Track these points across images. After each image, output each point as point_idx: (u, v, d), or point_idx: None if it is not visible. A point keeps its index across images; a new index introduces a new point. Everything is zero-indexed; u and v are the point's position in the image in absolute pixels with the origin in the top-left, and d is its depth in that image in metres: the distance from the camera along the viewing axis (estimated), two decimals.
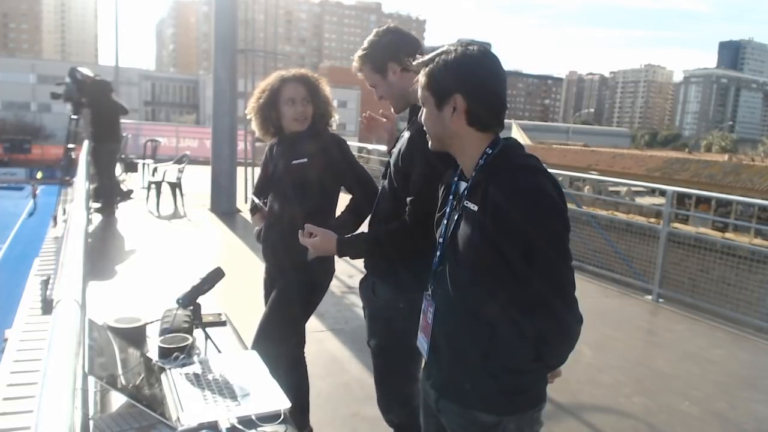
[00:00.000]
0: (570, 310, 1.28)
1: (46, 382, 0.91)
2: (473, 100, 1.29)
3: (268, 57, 9.22)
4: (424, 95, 1.35)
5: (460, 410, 1.38)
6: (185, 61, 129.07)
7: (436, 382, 1.44)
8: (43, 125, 44.00)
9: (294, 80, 2.31)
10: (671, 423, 3.20)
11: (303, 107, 2.29)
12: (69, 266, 1.63)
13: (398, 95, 1.88)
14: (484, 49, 1.31)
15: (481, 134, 1.32)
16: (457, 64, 1.29)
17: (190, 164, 8.73)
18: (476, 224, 1.27)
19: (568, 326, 1.29)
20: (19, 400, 2.67)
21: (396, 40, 1.86)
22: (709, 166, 23.87)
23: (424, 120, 1.38)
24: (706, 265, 5.82)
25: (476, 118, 1.31)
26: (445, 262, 1.38)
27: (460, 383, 1.35)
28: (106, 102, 7.06)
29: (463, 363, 1.35)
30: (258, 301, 2.53)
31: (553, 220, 1.25)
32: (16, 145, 36.52)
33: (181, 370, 1.59)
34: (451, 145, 1.36)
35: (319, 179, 2.23)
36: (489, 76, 1.31)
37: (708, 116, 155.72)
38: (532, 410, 1.37)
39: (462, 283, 1.34)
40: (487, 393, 1.33)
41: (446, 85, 1.30)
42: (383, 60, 1.85)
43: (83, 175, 4.28)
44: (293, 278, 2.29)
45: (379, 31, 1.89)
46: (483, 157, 1.31)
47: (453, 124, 1.31)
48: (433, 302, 1.41)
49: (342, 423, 2.77)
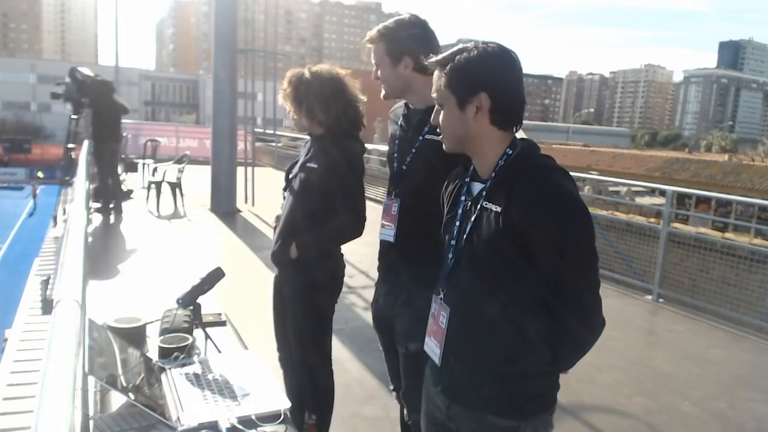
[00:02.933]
0: (589, 315, 1.27)
1: (46, 382, 0.91)
2: (498, 98, 1.26)
3: (268, 57, 9.22)
4: (444, 95, 1.31)
5: (476, 416, 1.34)
6: (185, 61, 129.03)
7: (447, 388, 1.39)
8: (43, 125, 44.06)
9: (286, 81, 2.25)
10: (671, 423, 3.20)
11: (295, 114, 2.24)
12: (69, 266, 1.63)
13: (397, 87, 1.84)
14: (503, 47, 1.29)
15: (502, 133, 1.30)
16: (480, 62, 1.26)
17: (190, 164, 8.73)
18: (498, 226, 1.24)
19: (594, 329, 1.28)
20: (19, 400, 2.67)
21: (421, 37, 1.79)
22: (709, 166, 23.84)
23: (442, 121, 1.33)
24: (706, 265, 5.82)
25: (499, 117, 1.28)
26: (461, 265, 1.35)
27: (477, 388, 1.32)
28: (107, 102, 7.06)
29: (480, 368, 1.32)
30: (258, 301, 2.53)
31: (583, 222, 1.24)
32: (16, 145, 36.57)
33: (181, 370, 1.59)
34: (471, 145, 1.32)
35: (322, 187, 2.19)
36: (512, 73, 1.29)
37: (708, 116, 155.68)
38: (546, 413, 1.36)
39: (480, 286, 1.30)
40: (504, 398, 1.31)
41: (470, 84, 1.26)
42: (401, 50, 1.79)
43: (83, 175, 4.27)
44: (294, 280, 2.28)
45: (410, 19, 1.81)
46: (503, 158, 1.28)
47: (476, 124, 1.28)
48: (447, 306, 1.37)
49: (342, 423, 2.77)
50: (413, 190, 1.85)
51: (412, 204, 1.86)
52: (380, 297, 1.98)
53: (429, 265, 1.82)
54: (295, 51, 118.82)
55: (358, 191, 2.20)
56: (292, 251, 2.19)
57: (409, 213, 1.86)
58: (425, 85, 1.78)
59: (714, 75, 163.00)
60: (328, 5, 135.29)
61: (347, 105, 2.20)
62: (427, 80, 1.79)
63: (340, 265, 2.33)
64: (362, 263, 4.95)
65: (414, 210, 1.84)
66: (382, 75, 1.84)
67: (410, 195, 1.86)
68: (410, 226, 1.85)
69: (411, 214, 1.86)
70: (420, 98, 1.84)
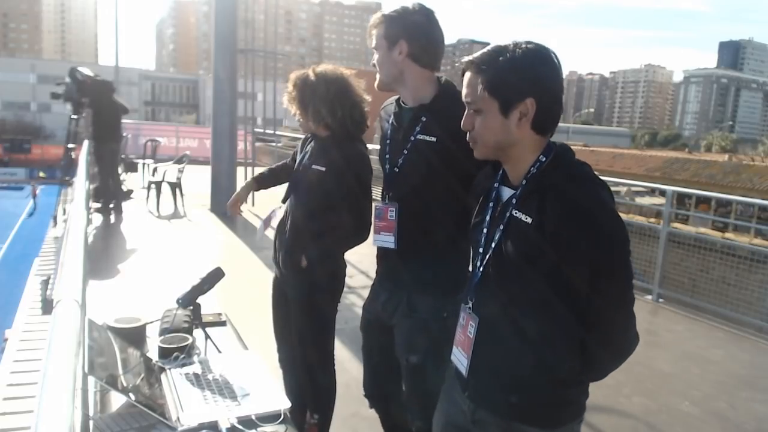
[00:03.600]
0: (630, 328, 1.23)
1: (46, 382, 0.91)
2: (543, 103, 1.19)
3: (268, 57, 9.22)
4: (483, 99, 1.21)
5: (503, 423, 1.31)
6: (185, 61, 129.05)
7: (474, 394, 1.36)
8: (43, 125, 44.02)
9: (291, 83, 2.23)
10: (671, 423, 3.20)
11: (301, 117, 2.22)
12: (69, 266, 1.63)
13: (391, 73, 1.77)
14: (545, 48, 1.21)
15: (540, 138, 1.23)
16: (528, 65, 1.18)
17: (190, 164, 8.73)
18: (531, 239, 1.18)
19: (629, 344, 1.25)
20: (19, 400, 2.67)
21: (421, 25, 1.73)
22: (709, 166, 23.82)
23: (479, 128, 1.24)
24: (706, 265, 5.82)
25: (541, 123, 1.21)
26: (489, 275, 1.30)
27: (506, 397, 1.29)
28: (107, 102, 7.06)
29: (509, 377, 1.29)
30: (258, 301, 2.53)
31: (619, 237, 1.17)
32: (16, 145, 36.53)
33: (181, 370, 1.59)
34: (508, 152, 1.25)
35: (325, 189, 2.16)
36: (558, 77, 1.22)
37: (708, 116, 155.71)
38: (574, 421, 1.34)
39: (511, 296, 1.26)
40: (532, 406, 1.29)
41: (518, 89, 1.18)
42: (398, 33, 1.72)
43: (83, 175, 4.27)
44: (295, 281, 2.28)
45: (415, 7, 1.74)
46: (536, 165, 1.22)
47: (519, 131, 1.21)
48: (476, 316, 1.33)
49: (342, 423, 2.77)
50: (410, 192, 1.80)
51: (411, 207, 1.80)
52: (378, 303, 1.95)
53: (430, 268, 1.81)
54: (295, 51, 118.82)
55: (363, 195, 2.16)
56: (302, 263, 2.19)
57: (409, 216, 1.81)
58: (418, 76, 1.75)
59: (714, 75, 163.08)
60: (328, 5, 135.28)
61: (353, 106, 2.16)
62: (420, 72, 1.75)
63: (341, 265, 2.32)
64: (362, 263, 4.94)
65: (413, 213, 1.80)
66: (378, 59, 1.79)
67: (407, 198, 1.81)
68: (411, 230, 1.81)
69: (411, 217, 1.81)
70: (411, 93, 1.78)
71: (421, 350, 1.81)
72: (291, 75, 2.24)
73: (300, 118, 2.24)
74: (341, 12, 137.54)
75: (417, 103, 1.77)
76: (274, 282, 2.43)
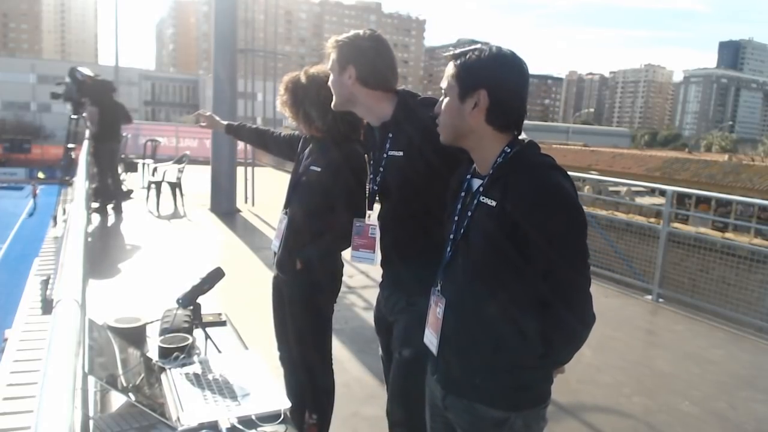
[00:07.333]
0: (581, 309, 1.28)
1: (46, 382, 0.91)
2: (496, 98, 1.30)
3: (268, 57, 9.23)
4: (450, 84, 1.36)
5: (468, 406, 1.38)
6: (185, 61, 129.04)
7: (442, 378, 1.43)
8: (43, 125, 44.08)
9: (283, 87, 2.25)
10: (671, 423, 3.20)
11: (294, 120, 2.24)
12: (69, 266, 1.63)
13: (342, 96, 1.83)
14: (515, 54, 1.34)
15: (497, 134, 1.33)
16: (487, 62, 1.31)
17: (190, 164, 8.73)
18: (493, 220, 1.28)
19: (586, 322, 1.29)
20: (19, 400, 2.67)
21: (369, 51, 1.78)
22: (709, 166, 23.82)
23: (443, 109, 1.38)
24: (706, 265, 5.82)
25: (495, 118, 1.32)
26: (457, 258, 1.38)
27: (470, 379, 1.36)
28: (108, 102, 7.06)
29: (472, 358, 1.35)
30: (258, 301, 2.53)
31: (575, 217, 1.27)
32: (16, 145, 36.57)
33: (181, 370, 1.59)
34: (467, 140, 1.37)
35: (324, 188, 2.18)
36: (513, 78, 1.33)
37: (708, 116, 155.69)
38: (538, 407, 1.38)
39: (474, 278, 1.34)
40: (495, 388, 1.34)
41: (474, 78, 1.31)
42: (348, 59, 1.79)
43: (83, 175, 4.27)
44: (293, 280, 2.28)
45: (365, 33, 1.81)
46: (501, 155, 1.32)
47: (471, 119, 1.32)
48: (443, 297, 1.41)
49: (342, 423, 2.77)
50: (389, 209, 1.84)
51: (393, 222, 1.84)
52: (381, 301, 1.97)
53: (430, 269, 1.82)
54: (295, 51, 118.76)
55: (360, 195, 2.14)
56: (298, 264, 2.19)
57: (392, 229, 1.85)
58: (370, 98, 1.80)
59: (714, 75, 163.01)
60: (328, 5, 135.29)
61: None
62: (371, 93, 1.80)
63: (339, 264, 2.33)
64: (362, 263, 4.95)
65: (395, 226, 1.83)
66: (331, 82, 1.86)
67: (389, 214, 1.85)
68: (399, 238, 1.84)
69: (391, 231, 1.85)
70: (367, 112, 1.84)
71: (415, 344, 1.82)
72: (284, 78, 2.27)
73: (293, 121, 2.27)
74: (341, 12, 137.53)
75: (380, 122, 1.82)
76: (274, 282, 2.43)
